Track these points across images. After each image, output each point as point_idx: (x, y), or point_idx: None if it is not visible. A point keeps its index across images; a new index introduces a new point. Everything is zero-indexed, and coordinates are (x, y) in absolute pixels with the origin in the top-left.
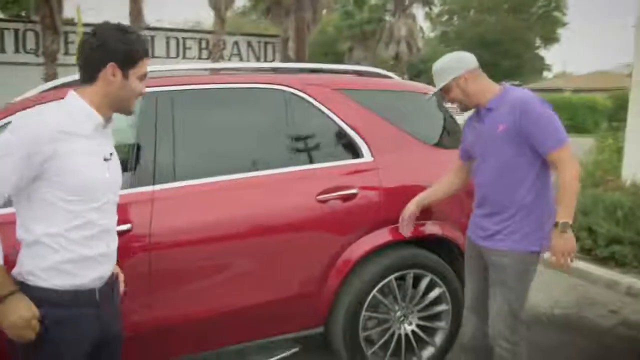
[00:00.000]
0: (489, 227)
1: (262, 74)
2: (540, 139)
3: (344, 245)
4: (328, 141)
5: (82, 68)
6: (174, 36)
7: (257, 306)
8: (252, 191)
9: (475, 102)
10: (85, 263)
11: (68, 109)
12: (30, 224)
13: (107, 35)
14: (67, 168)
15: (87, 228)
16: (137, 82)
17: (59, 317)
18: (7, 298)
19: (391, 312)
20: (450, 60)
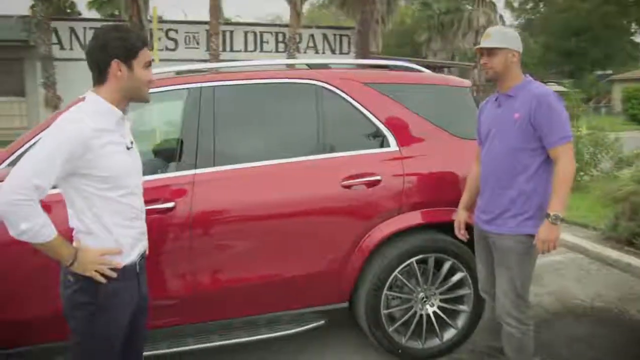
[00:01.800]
0: (491, 211)
1: (296, 69)
2: (548, 133)
3: (368, 228)
4: (356, 132)
5: (92, 70)
6: (252, 30)
7: (286, 280)
8: (282, 176)
9: (503, 81)
10: (132, 242)
11: (95, 109)
12: (80, 215)
13: (106, 36)
14: (101, 161)
15: (127, 211)
16: (142, 70)
17: (113, 290)
18: (77, 254)
19: (413, 293)
20: (511, 33)
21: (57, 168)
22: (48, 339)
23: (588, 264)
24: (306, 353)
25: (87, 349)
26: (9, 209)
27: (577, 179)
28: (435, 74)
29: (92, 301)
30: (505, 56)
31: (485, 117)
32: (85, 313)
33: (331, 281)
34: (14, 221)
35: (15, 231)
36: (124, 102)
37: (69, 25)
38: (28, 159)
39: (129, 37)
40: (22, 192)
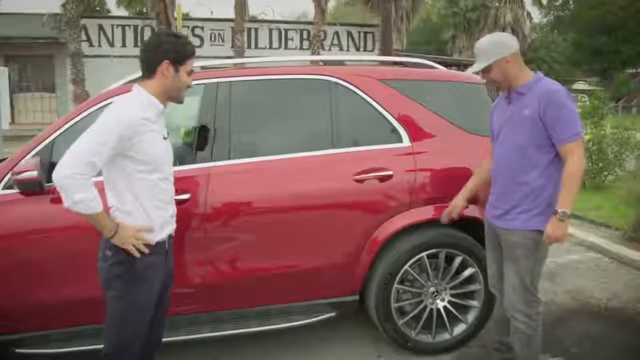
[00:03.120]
0: (500, 206)
1: (311, 65)
2: (558, 130)
3: (379, 222)
4: (370, 127)
5: (144, 65)
6: (277, 28)
7: (298, 271)
8: (296, 170)
9: (509, 84)
10: (163, 222)
11: (141, 100)
12: (120, 194)
13: (162, 40)
14: (144, 146)
15: (161, 194)
16: (185, 76)
17: (147, 263)
18: (118, 229)
19: (424, 287)
20: (494, 43)
21: (109, 148)
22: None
23: (606, 264)
24: (316, 344)
25: (125, 316)
26: (67, 181)
27: (601, 178)
28: (449, 71)
29: (128, 273)
30: (499, 66)
31: (496, 115)
32: (123, 283)
33: (343, 274)
34: (70, 192)
35: (70, 201)
36: (164, 98)
37: (97, 22)
38: (85, 139)
39: (182, 45)
40: (79, 167)
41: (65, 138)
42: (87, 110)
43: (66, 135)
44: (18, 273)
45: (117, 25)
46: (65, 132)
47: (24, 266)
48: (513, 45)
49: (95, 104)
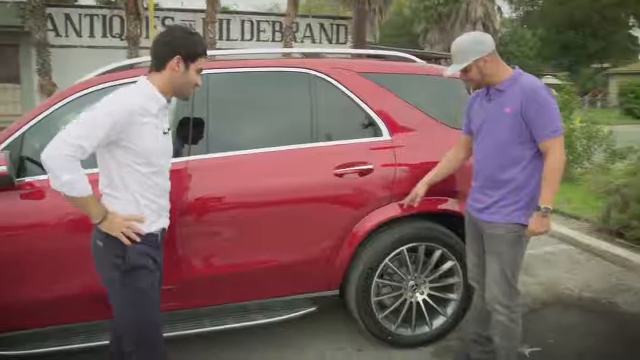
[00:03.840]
0: (484, 200)
1: (291, 58)
2: (539, 127)
3: (359, 216)
4: (350, 121)
5: (154, 58)
6: (249, 19)
7: (278, 267)
8: (276, 164)
9: (489, 83)
10: (154, 215)
11: (145, 92)
12: (112, 181)
13: (175, 34)
14: (139, 138)
15: (154, 188)
16: (195, 74)
17: (140, 250)
18: (107, 216)
19: (403, 281)
20: (472, 42)
21: (102, 134)
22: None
23: (578, 255)
24: (296, 339)
25: (134, 304)
26: (55, 161)
27: (570, 171)
28: (429, 65)
29: (122, 262)
30: (477, 67)
31: (475, 112)
32: (120, 272)
33: (323, 268)
34: (58, 172)
35: (57, 182)
36: (170, 93)
37: (64, 12)
38: (79, 122)
39: (195, 42)
40: (68, 149)
41: (37, 132)
42: (60, 103)
43: (37, 128)
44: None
45: (85, 15)
46: (36, 125)
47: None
48: (490, 44)
49: (68, 96)
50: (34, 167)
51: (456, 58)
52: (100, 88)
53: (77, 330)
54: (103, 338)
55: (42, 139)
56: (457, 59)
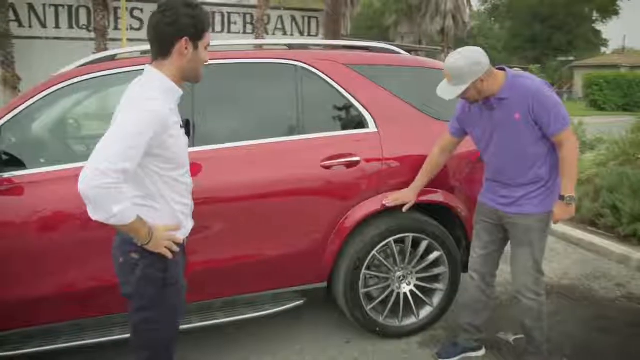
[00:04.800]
0: (510, 195)
1: (276, 50)
2: (549, 123)
3: (347, 208)
4: (335, 112)
5: (156, 44)
6: (219, 11)
7: (266, 260)
8: (262, 156)
9: (487, 95)
10: (186, 218)
11: (164, 88)
12: (145, 193)
13: (179, 12)
14: (172, 141)
15: (184, 189)
16: (204, 52)
17: (175, 262)
18: (153, 232)
19: (391, 272)
20: (469, 64)
21: (141, 149)
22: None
23: (555, 244)
24: (284, 332)
25: (159, 321)
26: (100, 193)
27: None
28: (413, 56)
29: (162, 275)
30: (474, 87)
31: (475, 120)
32: (157, 287)
33: (311, 261)
34: (105, 205)
35: (106, 215)
36: (181, 80)
37: (27, 1)
38: (113, 140)
39: (201, 16)
40: (112, 176)
41: (13, 126)
42: (38, 96)
43: (14, 122)
44: None
45: (49, 5)
46: (13, 119)
47: None
48: (486, 62)
49: (47, 88)
50: (11, 162)
51: (453, 79)
52: (80, 80)
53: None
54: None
55: (19, 133)
56: (454, 81)
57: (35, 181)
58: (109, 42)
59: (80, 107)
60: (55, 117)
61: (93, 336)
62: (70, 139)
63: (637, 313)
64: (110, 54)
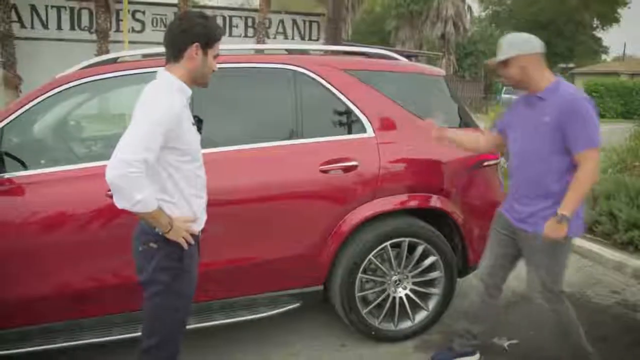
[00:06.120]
0: (522, 210)
1: (275, 54)
2: (573, 138)
3: (344, 212)
4: (334, 117)
5: (170, 47)
6: (221, 14)
7: (263, 263)
8: (261, 160)
9: (528, 86)
10: (202, 211)
11: (175, 87)
12: (163, 186)
13: (192, 21)
14: (184, 134)
15: (199, 182)
16: (212, 60)
17: (190, 253)
18: (173, 222)
19: (386, 276)
20: (520, 38)
21: (159, 142)
22: None
23: None
24: (280, 335)
25: (172, 307)
26: (125, 181)
27: None
28: (412, 63)
29: (177, 265)
30: (518, 62)
31: (515, 116)
32: (171, 275)
33: (308, 264)
34: (128, 193)
35: (130, 202)
36: (190, 83)
37: (29, 2)
38: (133, 134)
39: (212, 27)
40: (136, 165)
41: (15, 127)
42: (40, 97)
43: (16, 123)
44: None
45: (51, 7)
46: (15, 120)
47: None
48: (537, 47)
49: (49, 90)
50: (14, 162)
51: (500, 50)
52: (83, 82)
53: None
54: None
55: (21, 134)
56: (502, 49)
57: (35, 182)
58: (110, 44)
59: (81, 109)
60: (57, 118)
61: (92, 336)
62: (71, 141)
63: (631, 321)
64: (112, 57)
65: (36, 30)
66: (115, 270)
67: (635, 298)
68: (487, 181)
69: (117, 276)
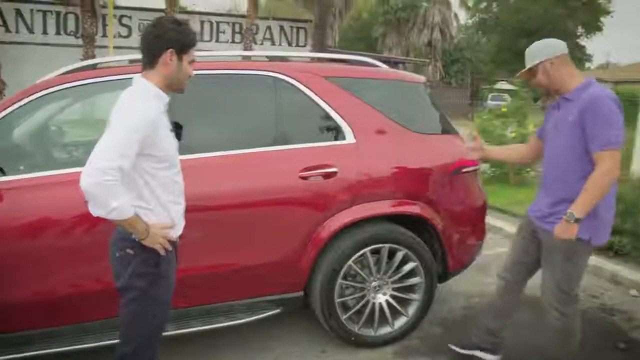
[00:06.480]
0: (543, 209)
1: (256, 61)
2: (591, 137)
3: (324, 218)
4: (315, 124)
5: (145, 54)
6: (208, 20)
7: (244, 269)
8: (241, 166)
9: (557, 88)
10: (180, 217)
11: (152, 93)
12: (140, 193)
13: (166, 27)
14: (161, 141)
15: (177, 188)
16: (187, 65)
17: (168, 259)
18: (149, 229)
19: (366, 282)
20: (542, 45)
21: (135, 149)
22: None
23: None
24: (259, 341)
25: (149, 313)
26: (100, 189)
27: (522, 174)
28: (392, 70)
29: (154, 271)
30: (544, 68)
31: (548, 120)
32: (148, 281)
33: (288, 270)
34: (104, 200)
35: (105, 210)
36: (166, 89)
37: (15, 6)
38: (108, 142)
39: (186, 33)
40: (110, 173)
41: None
42: (19, 102)
43: None
44: None
45: (37, 11)
46: None
47: None
48: (560, 48)
49: (28, 95)
50: None
51: (527, 60)
52: (63, 88)
53: None
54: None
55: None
56: (526, 59)
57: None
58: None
59: (60, 115)
60: (35, 124)
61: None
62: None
63: (609, 325)
64: (92, 62)
65: (21, 34)
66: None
67: (612, 302)
68: (466, 187)
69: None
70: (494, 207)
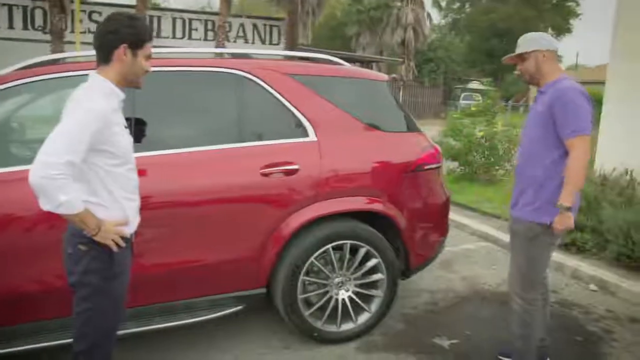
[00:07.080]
0: (513, 196)
1: (218, 58)
2: (562, 125)
3: (285, 215)
4: (276, 121)
5: (99, 50)
6: (181, 17)
7: (204, 266)
8: (202, 163)
9: (539, 79)
10: (134, 214)
11: (106, 90)
12: (93, 189)
13: (120, 22)
14: (114, 137)
15: (131, 185)
16: (143, 61)
17: (122, 255)
18: (101, 225)
19: (329, 279)
20: (537, 35)
21: (85, 143)
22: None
23: (497, 252)
24: (222, 338)
25: (102, 310)
26: (46, 182)
27: (491, 172)
28: (355, 68)
29: (106, 267)
30: (536, 57)
31: (528, 116)
32: (100, 278)
33: (250, 267)
34: (52, 194)
35: (53, 204)
36: (122, 84)
37: None
38: (58, 136)
39: (140, 28)
40: (58, 167)
41: None
42: None
43: None
44: None
45: (2, 4)
46: None
47: None
48: (554, 44)
49: None
50: None
51: (520, 44)
52: (18, 84)
53: None
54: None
55: None
56: (521, 45)
57: None
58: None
59: (19, 111)
60: None
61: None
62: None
63: (568, 319)
64: (52, 57)
65: None
66: (55, 273)
67: (572, 297)
68: (429, 184)
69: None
70: (461, 204)
